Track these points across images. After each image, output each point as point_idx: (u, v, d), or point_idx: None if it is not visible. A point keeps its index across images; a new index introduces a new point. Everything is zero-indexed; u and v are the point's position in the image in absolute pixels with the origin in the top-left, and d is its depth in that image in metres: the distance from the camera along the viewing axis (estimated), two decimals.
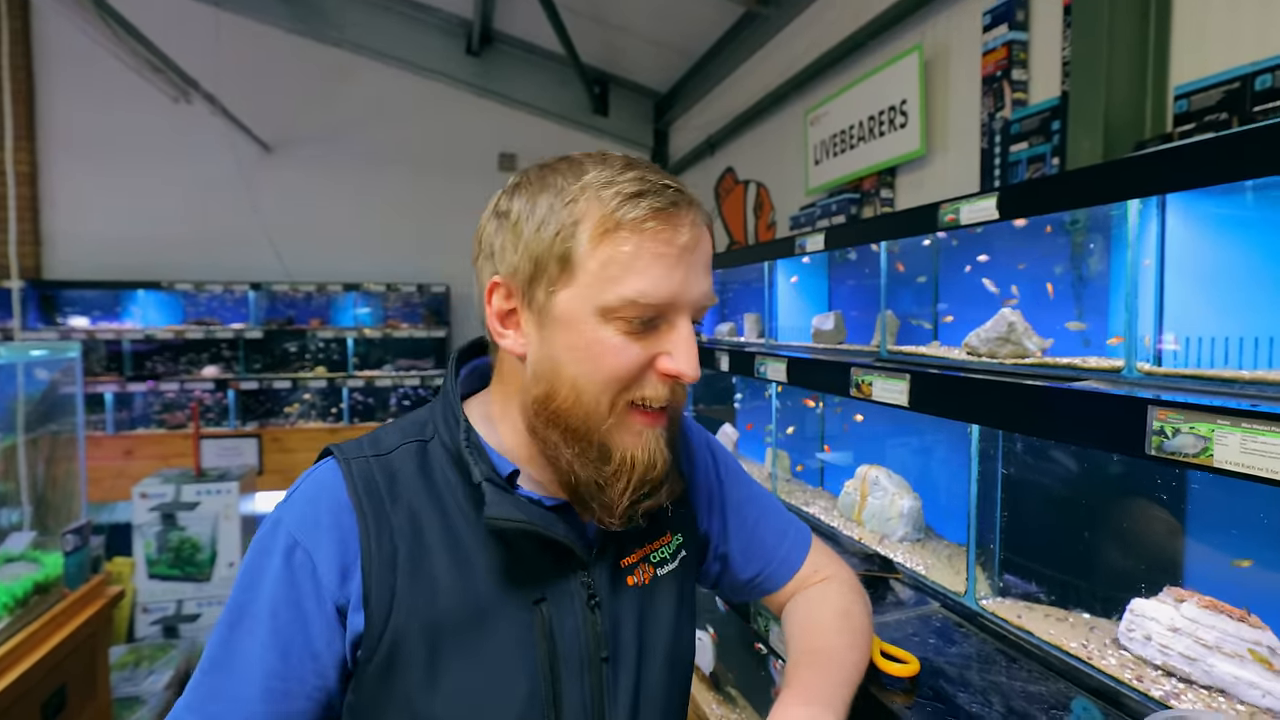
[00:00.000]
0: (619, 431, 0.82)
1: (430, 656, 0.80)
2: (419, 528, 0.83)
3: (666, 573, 0.97)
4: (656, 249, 0.79)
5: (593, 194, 0.79)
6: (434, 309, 6.80)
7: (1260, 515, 1.09)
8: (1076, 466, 1.36)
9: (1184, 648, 1.03)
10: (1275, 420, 0.82)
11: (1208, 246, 1.27)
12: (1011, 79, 2.73)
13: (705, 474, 1.10)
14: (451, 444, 0.87)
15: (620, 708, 0.89)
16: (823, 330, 2.39)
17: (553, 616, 0.85)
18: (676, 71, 6.26)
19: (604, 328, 0.79)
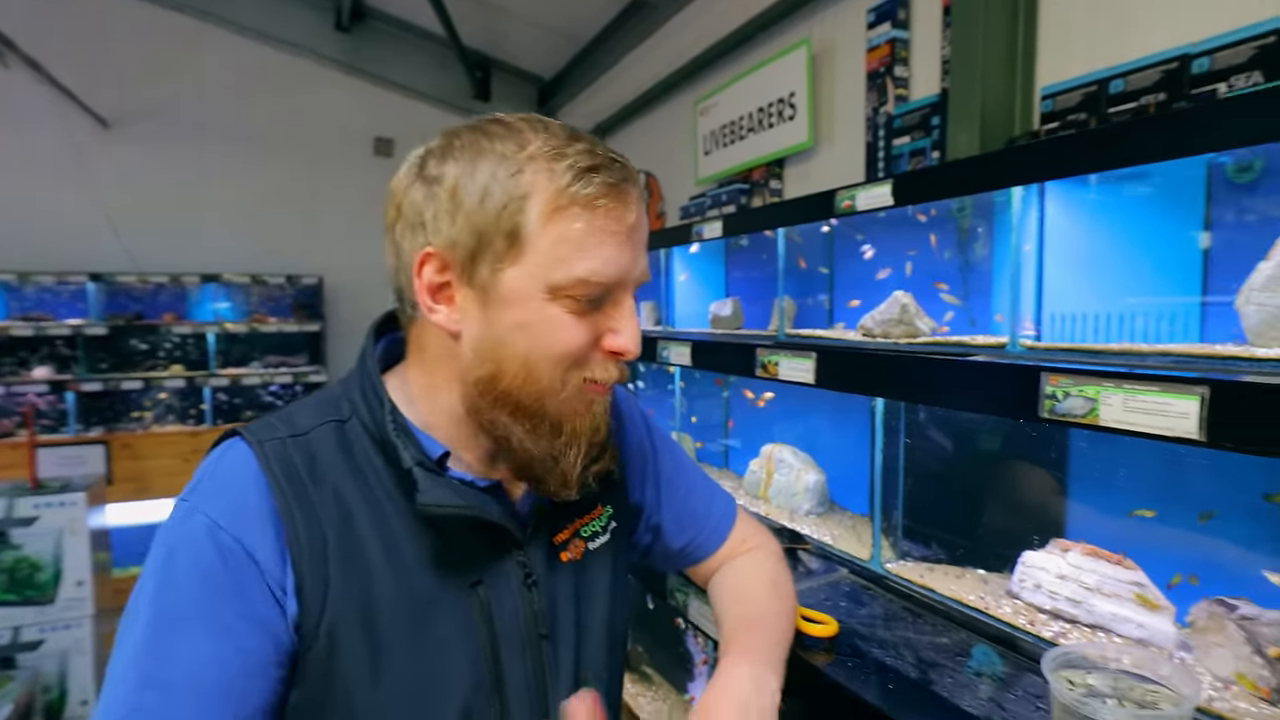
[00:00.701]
0: (571, 405, 0.84)
1: (370, 649, 0.78)
2: (347, 514, 0.80)
3: (599, 546, 0.99)
4: (608, 227, 0.79)
5: (542, 165, 0.77)
6: (306, 302, 6.49)
7: (1131, 469, 1.25)
8: (968, 436, 1.50)
9: (1070, 592, 1.17)
10: (1153, 381, 0.95)
11: (1078, 232, 1.42)
12: (894, 75, 2.91)
13: (639, 444, 1.13)
14: (374, 425, 0.84)
15: (562, 684, 0.90)
16: (721, 316, 2.49)
17: (491, 599, 0.85)
18: (562, 57, 6.26)
19: (552, 306, 0.79)
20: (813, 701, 1.13)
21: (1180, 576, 1.18)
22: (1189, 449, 1.17)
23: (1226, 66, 1.79)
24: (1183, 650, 1.06)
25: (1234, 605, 0.99)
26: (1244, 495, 1.11)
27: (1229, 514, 1.14)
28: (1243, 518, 1.12)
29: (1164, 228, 1.39)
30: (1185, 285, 1.38)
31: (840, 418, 1.99)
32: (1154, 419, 0.94)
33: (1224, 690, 0.97)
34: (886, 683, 1.08)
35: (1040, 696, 1.04)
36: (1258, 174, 1.30)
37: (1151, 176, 1.40)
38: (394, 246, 0.84)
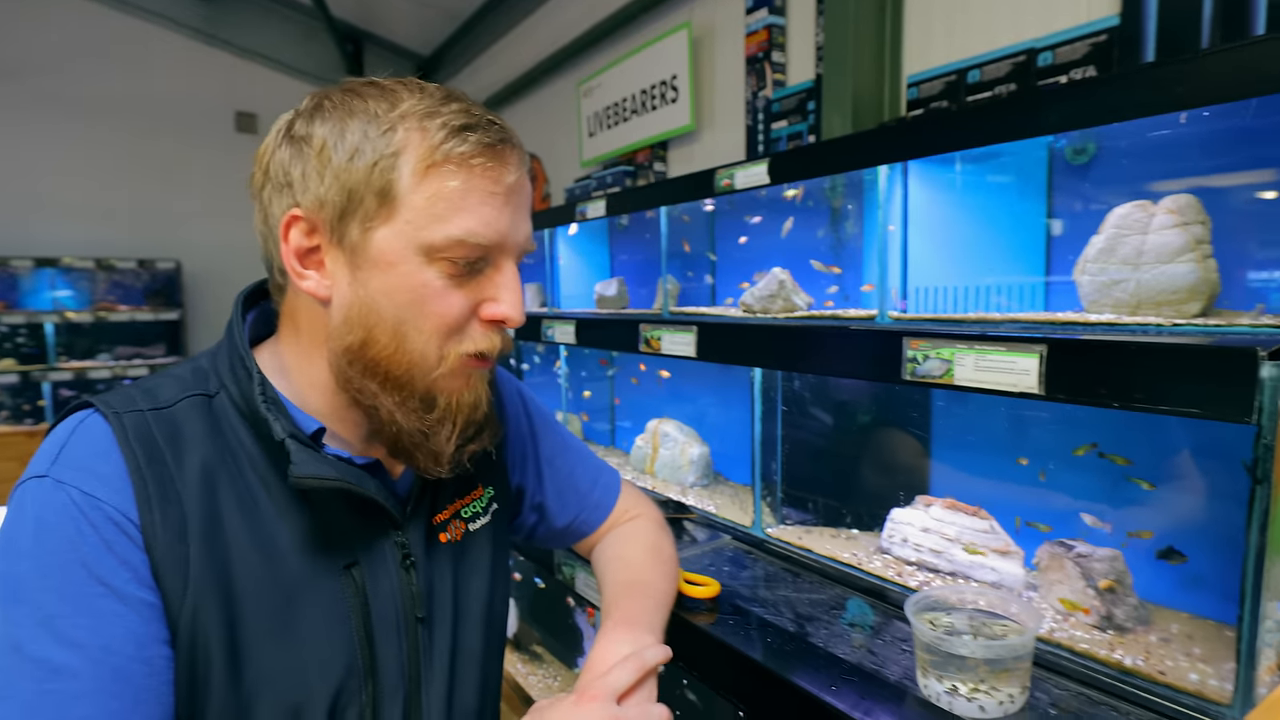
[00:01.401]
0: (447, 379, 0.81)
1: (232, 633, 0.74)
2: (211, 492, 0.75)
3: (479, 527, 0.98)
4: (486, 187, 0.77)
5: (414, 124, 0.75)
6: (162, 289, 6.07)
7: (987, 427, 1.36)
8: (842, 405, 1.58)
9: (933, 544, 1.26)
10: (1000, 341, 1.04)
11: (940, 211, 1.52)
12: (772, 60, 3.00)
13: (517, 424, 1.13)
14: (242, 399, 0.80)
15: (437, 668, 0.89)
16: (606, 296, 2.52)
17: (367, 580, 0.83)
18: (441, 33, 6.10)
19: (428, 270, 0.76)
20: (697, 659, 1.18)
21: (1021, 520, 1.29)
22: (1036, 406, 1.29)
23: (1067, 60, 1.95)
24: (1030, 590, 1.16)
25: (1071, 546, 1.10)
26: (1080, 442, 1.23)
27: (1073, 465, 1.26)
28: (1085, 468, 1.24)
29: (1012, 207, 1.51)
30: (1032, 259, 1.50)
31: (724, 393, 2.06)
32: (1001, 376, 1.02)
33: (1063, 621, 1.07)
34: (766, 637, 1.14)
35: (906, 640, 1.12)
36: (1091, 156, 1.42)
37: (1002, 158, 1.51)
38: (261, 211, 0.81)
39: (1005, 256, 1.52)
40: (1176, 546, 1.08)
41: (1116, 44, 1.77)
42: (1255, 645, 0.83)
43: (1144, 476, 1.14)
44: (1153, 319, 1.16)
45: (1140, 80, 1.09)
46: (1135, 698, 0.94)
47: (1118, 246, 1.23)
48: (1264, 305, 1.18)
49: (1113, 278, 1.24)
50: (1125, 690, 0.95)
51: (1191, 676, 0.93)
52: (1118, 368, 0.90)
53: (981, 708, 0.91)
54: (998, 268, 1.52)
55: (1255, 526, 0.82)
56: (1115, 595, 1.05)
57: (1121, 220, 1.23)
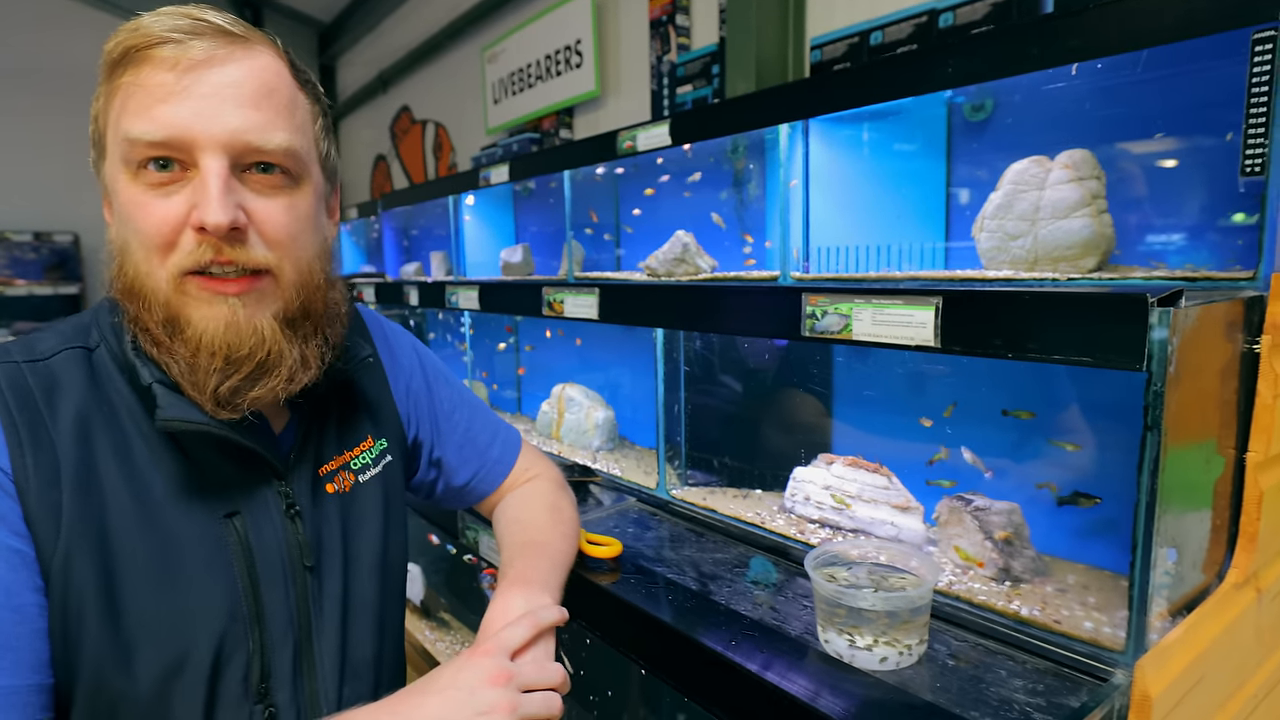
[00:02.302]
0: (182, 302, 0.73)
1: (107, 581, 0.71)
2: (87, 441, 0.73)
3: (369, 478, 0.94)
4: (156, 76, 0.69)
5: (114, 40, 0.71)
6: (60, 262, 5.73)
7: (882, 383, 1.33)
8: (744, 365, 1.53)
9: (834, 501, 1.22)
10: (896, 295, 0.99)
11: (840, 170, 1.48)
12: (676, 24, 2.92)
13: (411, 375, 1.08)
14: (119, 349, 0.77)
15: (328, 615, 0.86)
16: (511, 263, 2.42)
17: (249, 529, 0.80)
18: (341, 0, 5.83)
19: (133, 186, 0.71)
20: (599, 619, 1.12)
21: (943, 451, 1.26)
22: (938, 360, 1.27)
23: (967, 21, 1.93)
24: (930, 544, 1.13)
25: (970, 500, 1.08)
26: (981, 401, 1.21)
27: (977, 419, 1.24)
28: (980, 422, 1.22)
29: (912, 165, 1.47)
30: (933, 218, 1.47)
31: (629, 358, 1.99)
32: (898, 330, 0.98)
33: (962, 575, 1.05)
34: (669, 596, 1.09)
35: (808, 596, 1.08)
36: (989, 112, 1.40)
37: (901, 115, 1.47)
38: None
39: (907, 216, 1.49)
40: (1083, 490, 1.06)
41: (1015, 5, 1.75)
42: (1147, 592, 0.81)
43: (1045, 431, 1.13)
44: (1049, 274, 1.15)
45: (1034, 33, 1.06)
46: (1032, 647, 0.91)
47: (1015, 203, 1.20)
48: (1164, 264, 1.17)
49: (1010, 234, 1.21)
50: (1022, 640, 0.93)
51: (1086, 625, 0.91)
52: (1011, 319, 0.87)
53: (882, 659, 0.88)
54: (900, 227, 1.49)
55: (1146, 473, 0.80)
56: (1013, 547, 1.03)
57: (1018, 176, 1.20)
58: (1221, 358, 0.90)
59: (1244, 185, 0.99)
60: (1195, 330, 0.81)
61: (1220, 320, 0.89)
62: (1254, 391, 0.92)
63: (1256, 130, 0.93)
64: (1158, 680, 0.78)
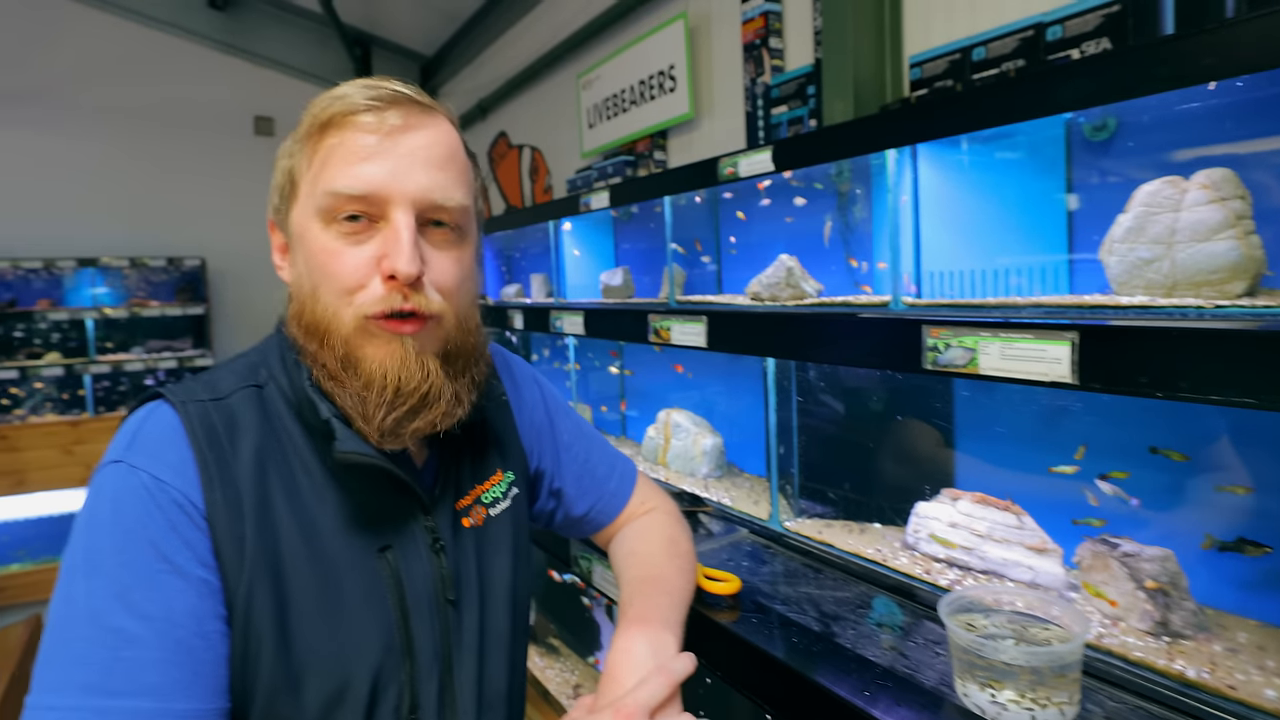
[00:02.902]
0: (362, 340, 0.78)
1: (279, 618, 0.74)
2: (263, 476, 0.77)
3: (499, 512, 0.96)
4: (358, 139, 0.77)
5: (317, 107, 0.79)
6: (189, 284, 6.04)
7: (1012, 414, 1.24)
8: (858, 394, 1.47)
9: (962, 539, 1.15)
10: (1027, 329, 0.93)
11: (952, 193, 1.41)
12: (770, 47, 2.87)
13: (534, 409, 1.08)
14: (290, 388, 0.82)
15: (466, 649, 0.87)
16: (611, 286, 2.41)
17: (400, 564, 0.82)
18: (443, 33, 5.98)
19: (325, 234, 0.78)
20: (719, 658, 1.09)
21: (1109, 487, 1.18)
22: (1063, 394, 1.19)
23: (1077, 34, 1.82)
24: (1071, 591, 1.05)
25: (1116, 544, 0.99)
26: (1120, 438, 1.12)
27: (1108, 457, 1.15)
28: (1122, 458, 1.13)
29: (1030, 186, 1.39)
30: (1052, 240, 1.39)
31: (734, 382, 1.95)
32: (1030, 365, 0.92)
33: (1113, 626, 0.97)
34: (790, 636, 1.04)
35: (939, 643, 1.02)
36: (1112, 131, 1.31)
37: (1015, 137, 1.39)
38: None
39: (1023, 238, 1.41)
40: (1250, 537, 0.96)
41: (1131, 14, 1.65)
42: None
43: (1200, 472, 1.03)
44: (1191, 300, 1.05)
45: (1163, 53, 0.97)
46: (1203, 714, 0.82)
47: (1147, 225, 1.11)
48: None
49: (1143, 258, 1.12)
50: (1191, 706, 0.84)
51: (1269, 693, 0.81)
52: (1160, 355, 0.79)
53: (1028, 712, 0.81)
54: (1015, 250, 1.41)
55: None
56: (1169, 598, 0.94)
57: (1150, 198, 1.11)
58: None
59: None
60: None
61: None
62: None
63: None
64: None
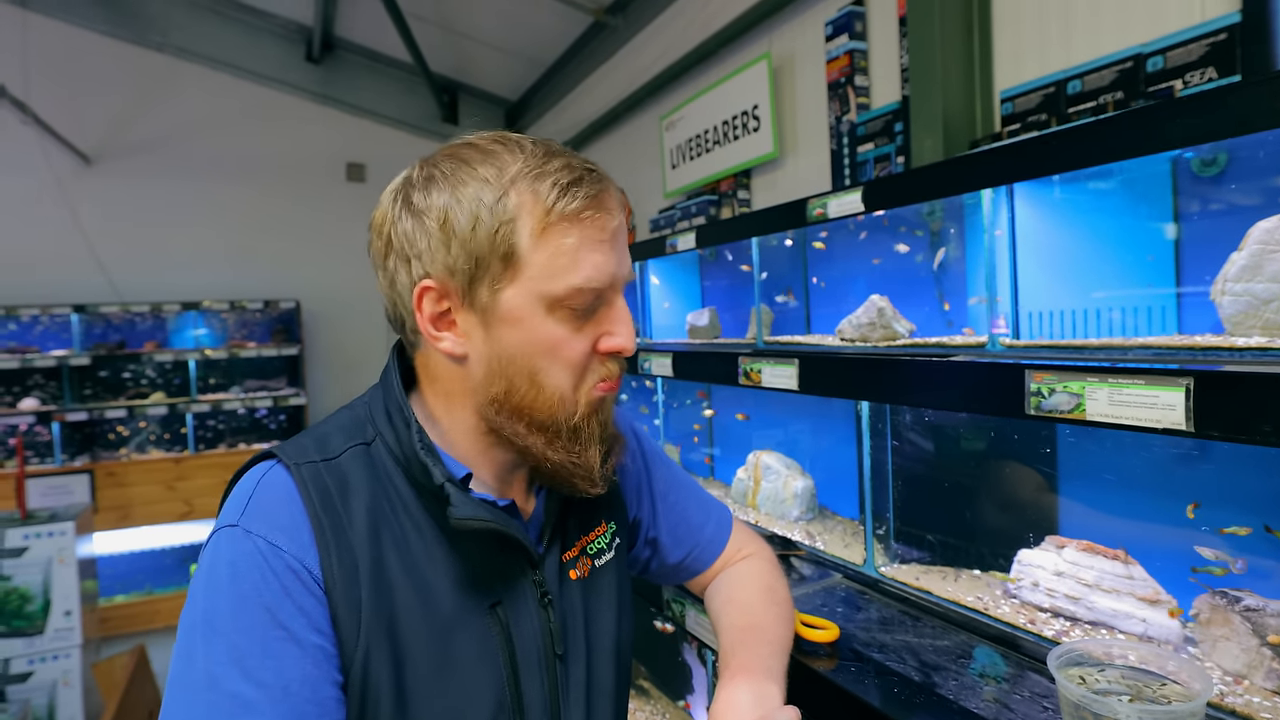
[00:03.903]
0: (585, 413, 0.84)
1: (397, 671, 0.76)
2: (377, 538, 0.78)
3: (604, 563, 0.97)
4: (595, 236, 0.80)
5: (526, 186, 0.78)
6: (284, 326, 6.37)
7: (1119, 463, 1.21)
8: (955, 436, 1.46)
9: (1068, 589, 1.12)
10: (1137, 374, 0.91)
11: (1049, 231, 1.39)
12: (855, 84, 2.89)
13: (633, 459, 1.10)
14: (398, 446, 0.82)
15: (574, 702, 0.89)
16: (698, 326, 2.44)
17: (510, 619, 0.84)
18: (527, 79, 6.21)
19: (550, 319, 0.79)
20: (818, 707, 1.08)
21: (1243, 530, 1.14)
22: (1173, 439, 1.15)
23: (1180, 64, 1.78)
24: (1187, 645, 1.02)
25: (1238, 597, 0.95)
26: (1234, 483, 1.08)
27: (1220, 503, 1.11)
28: (1235, 507, 1.08)
29: (1133, 223, 1.36)
30: (1159, 279, 1.35)
31: (823, 422, 1.94)
32: (1141, 411, 0.90)
33: (1234, 685, 0.93)
34: (891, 686, 1.03)
35: (1046, 696, 1.00)
36: (1222, 167, 1.27)
37: (1117, 173, 1.37)
38: (388, 279, 0.83)
39: (1126, 276, 1.38)
40: None
41: (1239, 42, 1.60)
42: None
43: None
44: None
45: (1275, 88, 0.95)
46: None
47: (1265, 264, 1.08)
48: None
49: (1260, 297, 1.08)
50: None
51: None
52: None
53: None
54: (1118, 288, 1.38)
55: None
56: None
57: (1268, 236, 1.08)
58: None
59: None
60: None
61: None
62: None
63: None
64: None
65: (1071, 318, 1.39)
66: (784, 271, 2.29)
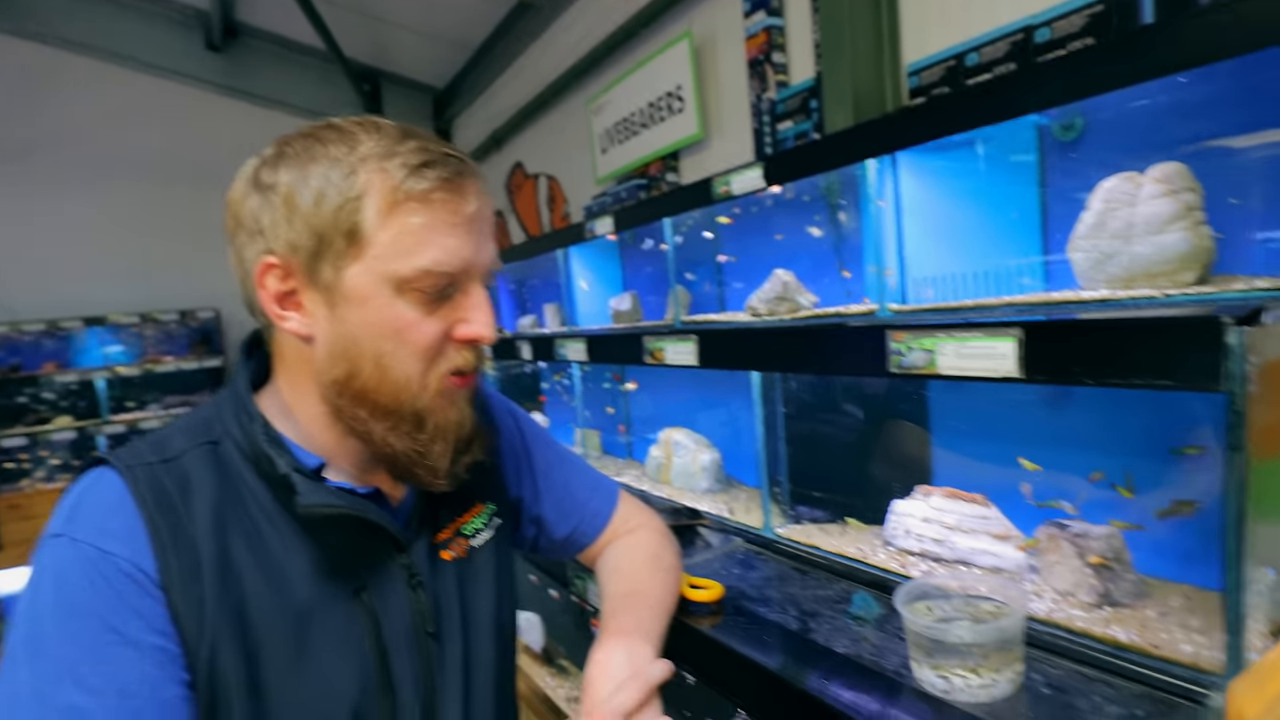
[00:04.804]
0: (434, 400, 0.86)
1: (249, 664, 0.79)
2: (223, 534, 0.80)
3: (482, 543, 1.03)
4: (447, 219, 0.82)
5: (374, 165, 0.80)
6: (204, 337, 6.29)
7: (979, 411, 1.36)
8: (839, 401, 1.60)
9: (934, 533, 1.27)
10: (977, 329, 1.05)
11: (933, 200, 1.54)
12: (773, 62, 3.03)
13: (510, 440, 1.17)
14: (245, 442, 0.84)
15: (450, 678, 0.94)
16: (620, 311, 2.56)
17: (376, 603, 0.88)
18: (453, 65, 6.25)
19: (398, 301, 0.81)
20: (700, 661, 1.20)
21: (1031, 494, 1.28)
22: (1034, 389, 1.29)
23: (1065, 34, 1.94)
24: (1031, 572, 1.16)
25: (1067, 525, 1.10)
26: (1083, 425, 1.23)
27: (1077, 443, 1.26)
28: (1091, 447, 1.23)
29: (1005, 189, 1.51)
30: (1029, 241, 1.50)
31: (730, 397, 2.08)
32: (982, 362, 1.03)
33: (1062, 601, 1.07)
34: (767, 636, 1.16)
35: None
36: (1080, 131, 1.42)
37: (991, 142, 1.52)
38: (237, 258, 0.86)
39: (1002, 240, 1.53)
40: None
41: (1115, 14, 1.76)
42: (1240, 611, 0.83)
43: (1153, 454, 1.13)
44: (1146, 291, 1.16)
45: (1123, 50, 1.10)
46: (1130, 672, 0.94)
47: (1108, 220, 1.23)
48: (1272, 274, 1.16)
49: (1105, 252, 1.24)
50: (1120, 666, 0.95)
51: (1185, 648, 0.92)
52: (1090, 347, 0.90)
53: (974, 691, 0.92)
54: (996, 252, 1.53)
55: (1233, 492, 0.82)
56: (1112, 572, 1.05)
57: (1109, 194, 1.23)
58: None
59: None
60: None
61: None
62: None
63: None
64: (1253, 702, 0.79)
65: (953, 281, 1.54)
66: (700, 253, 2.42)
